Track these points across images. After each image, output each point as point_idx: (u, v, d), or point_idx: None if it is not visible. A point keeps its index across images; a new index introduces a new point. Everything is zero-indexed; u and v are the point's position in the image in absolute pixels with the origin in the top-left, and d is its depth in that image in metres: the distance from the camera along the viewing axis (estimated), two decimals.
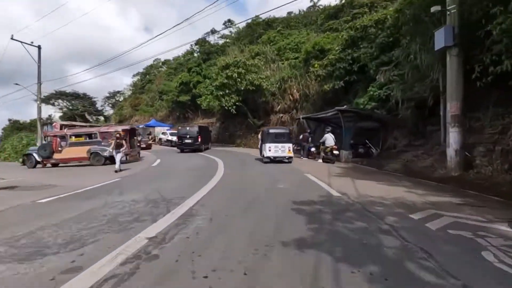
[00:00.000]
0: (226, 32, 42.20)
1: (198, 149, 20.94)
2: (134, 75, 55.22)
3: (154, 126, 30.97)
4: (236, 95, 23.33)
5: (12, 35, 23.67)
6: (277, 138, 13.16)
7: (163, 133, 26.99)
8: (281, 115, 23.32)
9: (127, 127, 15.95)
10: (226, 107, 22.89)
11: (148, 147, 23.36)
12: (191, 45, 27.67)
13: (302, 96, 22.08)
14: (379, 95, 12.56)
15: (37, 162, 14.98)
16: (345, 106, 13.72)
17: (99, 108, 63.15)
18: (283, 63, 26.53)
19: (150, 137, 28.78)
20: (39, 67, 25.77)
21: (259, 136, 15.96)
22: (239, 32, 40.06)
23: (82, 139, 15.19)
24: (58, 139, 15.17)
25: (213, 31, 40.64)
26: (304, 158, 14.69)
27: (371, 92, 13.03)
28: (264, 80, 23.29)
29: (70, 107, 64.25)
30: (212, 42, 38.29)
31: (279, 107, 23.62)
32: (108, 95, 64.35)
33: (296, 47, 28.30)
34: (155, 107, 41.91)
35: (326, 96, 18.91)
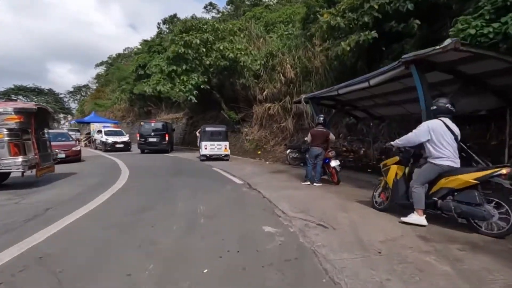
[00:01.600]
0: (208, 16, 35.45)
1: (164, 150, 17.62)
2: (96, 65, 47.49)
3: (90, 122, 23.20)
4: (200, 75, 16.10)
5: None
6: (214, 136, 13.24)
7: (98, 132, 19.18)
8: (268, 104, 16.11)
9: (28, 106, 7.10)
10: (183, 93, 15.59)
11: (74, 154, 12.33)
12: (158, 23, 20.13)
13: (299, 74, 14.92)
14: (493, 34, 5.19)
15: None
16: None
17: (66, 106, 55.82)
18: (271, 37, 19.40)
19: (83, 138, 21.51)
20: None
21: (197, 133, 14.40)
22: (222, 15, 33.39)
23: None
24: None
25: (193, 17, 33.74)
26: (315, 184, 6.75)
27: (469, 29, 5.57)
28: (243, 52, 16.09)
29: None
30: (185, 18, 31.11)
31: (265, 93, 16.41)
32: (72, 89, 56.93)
33: (289, 20, 21.36)
34: (113, 100, 34.65)
35: (341, 65, 11.87)
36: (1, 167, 6.34)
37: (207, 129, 13.49)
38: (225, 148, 12.96)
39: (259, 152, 15.50)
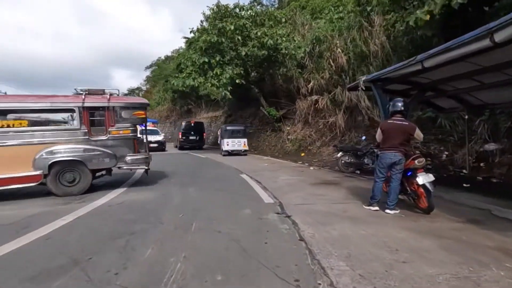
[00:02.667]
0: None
1: (200, 147, 19.63)
2: (146, 68, 48.94)
3: None
4: (236, 67, 14.21)
5: None
6: (234, 134, 14.55)
7: None
8: (314, 97, 13.55)
9: (145, 100, 6.95)
10: (216, 88, 13.85)
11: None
12: (201, 20, 18.49)
13: (353, 60, 12.11)
14: None
15: None
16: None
17: None
18: (318, 23, 16.69)
19: None
20: None
21: (218, 132, 16.16)
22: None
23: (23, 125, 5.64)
24: None
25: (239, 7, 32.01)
26: (388, 211, 4.15)
27: None
28: (284, 38, 13.79)
29: None
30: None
31: (310, 84, 13.86)
32: (126, 92, 60.24)
33: (339, 3, 18.36)
34: (157, 100, 34.84)
35: (411, 43, 9.06)
36: (127, 164, 6.17)
37: (228, 128, 14.92)
38: (244, 144, 14.33)
39: (302, 154, 13.06)
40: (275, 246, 3.00)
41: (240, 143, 14.28)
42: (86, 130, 5.87)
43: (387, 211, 4.18)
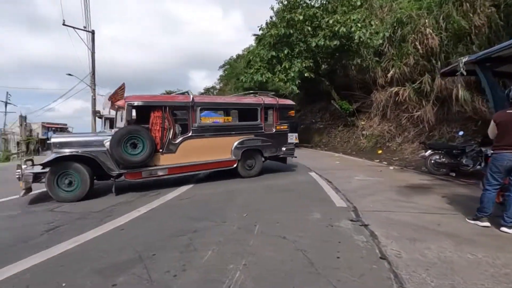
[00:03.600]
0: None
1: None
2: (220, 67, 51.55)
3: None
4: (306, 60, 13.57)
5: (64, 20, 21.77)
6: None
7: None
8: (394, 89, 11.96)
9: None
10: (284, 82, 13.47)
11: None
12: (271, 16, 17.89)
13: (447, 41, 10.19)
14: None
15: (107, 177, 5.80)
16: None
17: None
18: (399, 4, 14.63)
19: None
20: (93, 54, 23.68)
21: None
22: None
23: (229, 120, 7.39)
24: (167, 121, 5.91)
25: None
26: (504, 229, 3.15)
27: None
28: (359, 25, 12.52)
29: None
30: None
31: (390, 73, 12.26)
32: (202, 91, 64.94)
33: None
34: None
35: None
36: (283, 153, 7.43)
37: None
38: (296, 138, 14.22)
39: (379, 152, 11.70)
40: (350, 263, 2.49)
41: (292, 137, 14.48)
42: (262, 125, 7.12)
43: (504, 229, 3.18)
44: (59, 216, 4.09)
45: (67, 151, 4.98)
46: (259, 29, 15.14)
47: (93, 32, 23.49)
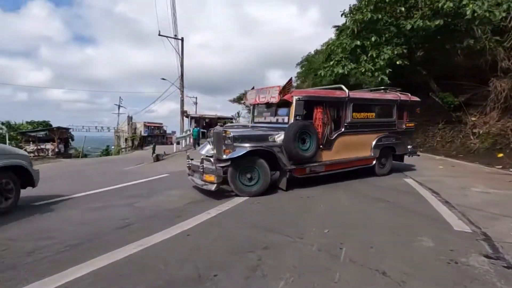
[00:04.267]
0: None
1: None
2: (297, 64, 50.39)
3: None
4: (396, 46, 11.67)
5: (159, 31, 24.50)
6: None
7: None
8: None
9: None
10: (372, 72, 11.82)
11: None
12: (351, 5, 15.74)
13: None
14: None
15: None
16: None
17: None
18: None
19: None
20: (182, 59, 25.99)
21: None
22: None
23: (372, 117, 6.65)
24: (326, 117, 5.78)
25: None
26: None
27: None
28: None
29: None
30: None
31: None
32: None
33: None
34: None
35: None
36: (408, 152, 7.13)
37: None
38: None
39: (500, 155, 9.11)
40: None
41: None
42: (396, 122, 6.83)
43: None
44: (135, 212, 4.09)
45: (247, 146, 4.85)
46: (341, 15, 13.68)
47: (182, 40, 25.81)
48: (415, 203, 4.34)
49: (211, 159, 4.96)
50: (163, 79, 27.63)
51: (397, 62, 11.63)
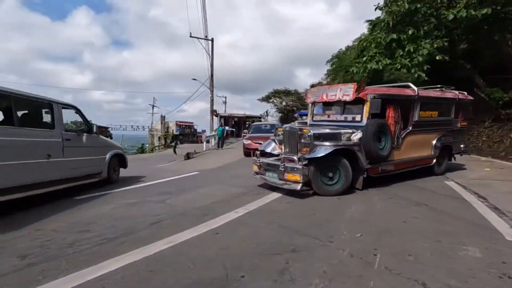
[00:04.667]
0: None
1: None
2: (327, 61, 49.04)
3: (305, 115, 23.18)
4: (436, 39, 10.88)
5: (190, 32, 25.20)
6: None
7: None
8: None
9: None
10: (408, 68, 11.14)
11: None
12: None
13: None
14: None
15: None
16: None
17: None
18: None
19: None
20: (212, 59, 26.51)
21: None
22: None
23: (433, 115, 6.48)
24: (397, 115, 5.74)
25: None
26: None
27: None
28: None
29: (283, 103, 70.44)
30: None
31: None
32: (309, 88, 64.18)
33: None
34: None
35: None
36: (460, 151, 7.10)
37: None
38: None
39: None
40: None
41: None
42: (452, 121, 6.76)
43: None
44: (166, 209, 4.21)
45: (328, 144, 4.75)
46: (375, 9, 13.04)
47: (212, 40, 26.32)
48: (458, 208, 3.98)
49: (295, 158, 4.82)
50: (194, 79, 28.38)
51: (437, 57, 10.84)
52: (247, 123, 34.40)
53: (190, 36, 25.28)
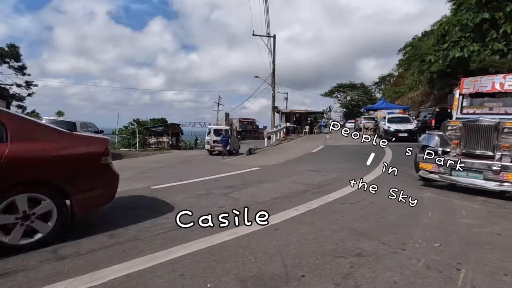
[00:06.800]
0: None
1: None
2: (400, 50, 44.13)
3: (378, 109, 20.83)
4: None
5: (253, 31, 25.76)
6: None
7: (383, 119, 16.92)
8: None
9: None
10: (504, 53, 9.33)
11: None
12: None
13: None
14: None
15: None
16: None
17: (373, 96, 59.51)
18: None
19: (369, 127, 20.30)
20: (273, 56, 26.61)
21: None
22: None
23: None
24: None
25: None
26: None
27: None
28: None
29: (348, 98, 66.64)
30: None
31: None
32: (377, 80, 59.32)
33: None
34: (409, 84, 30.21)
35: None
36: None
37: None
38: None
39: None
40: None
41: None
42: None
43: None
44: (229, 202, 4.39)
45: None
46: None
47: (274, 37, 26.44)
48: None
49: None
50: (256, 76, 29.04)
51: None
52: (308, 119, 33.68)
53: (253, 35, 25.88)
